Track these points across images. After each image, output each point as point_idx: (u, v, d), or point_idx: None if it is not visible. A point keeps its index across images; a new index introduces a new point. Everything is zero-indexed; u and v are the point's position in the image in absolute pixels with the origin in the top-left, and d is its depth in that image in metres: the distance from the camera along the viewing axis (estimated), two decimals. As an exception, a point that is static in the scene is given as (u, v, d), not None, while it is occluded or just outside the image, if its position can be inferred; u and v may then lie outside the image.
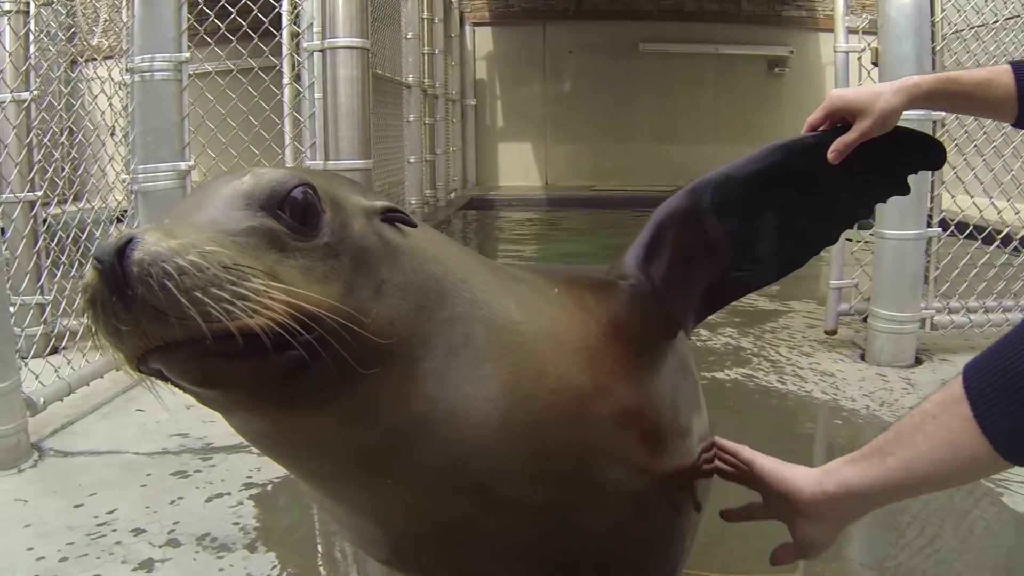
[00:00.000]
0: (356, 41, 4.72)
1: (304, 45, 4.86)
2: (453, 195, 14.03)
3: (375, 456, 1.44)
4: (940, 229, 5.10)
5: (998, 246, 5.52)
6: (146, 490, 3.35)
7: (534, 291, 1.71)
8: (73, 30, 6.04)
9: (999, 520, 3.07)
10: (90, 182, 5.67)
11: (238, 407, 1.37)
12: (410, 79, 9.81)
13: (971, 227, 5.56)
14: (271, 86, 5.45)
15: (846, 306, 5.29)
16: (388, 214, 1.50)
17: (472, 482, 1.50)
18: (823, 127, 2.11)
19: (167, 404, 1.54)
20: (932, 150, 2.19)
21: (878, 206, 2.26)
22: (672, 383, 1.83)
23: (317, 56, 4.75)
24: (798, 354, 5.19)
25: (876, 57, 4.93)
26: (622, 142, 17.35)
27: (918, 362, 4.98)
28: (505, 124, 17.77)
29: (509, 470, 1.51)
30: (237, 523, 3.07)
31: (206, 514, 3.15)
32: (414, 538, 1.62)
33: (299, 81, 5.06)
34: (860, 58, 5.17)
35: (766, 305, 6.52)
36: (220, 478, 3.45)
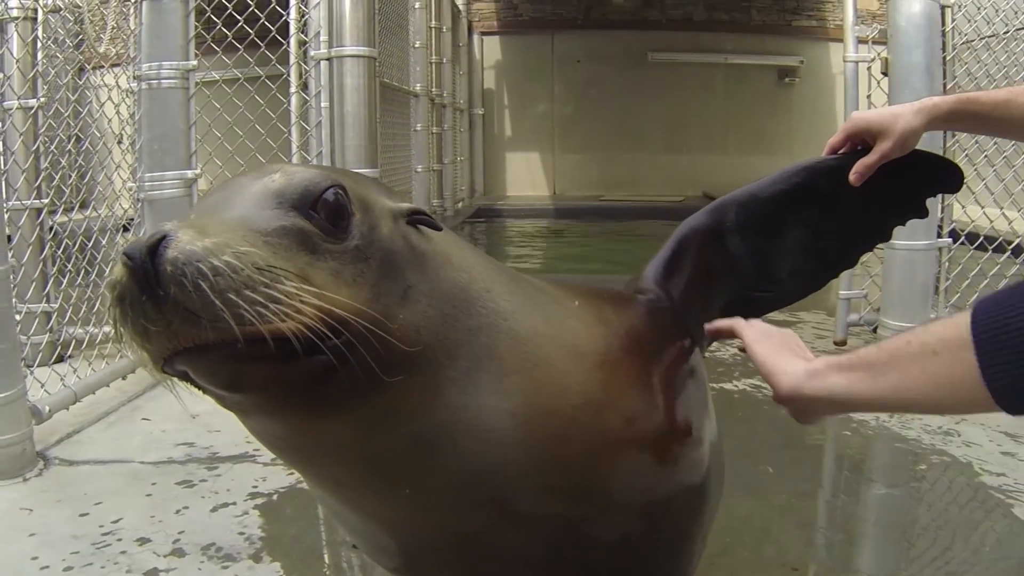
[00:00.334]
0: (363, 50, 4.72)
1: (311, 54, 4.86)
2: (460, 205, 14.02)
3: (395, 465, 1.43)
4: (950, 239, 5.09)
5: (1009, 256, 5.49)
6: (151, 499, 3.33)
7: (556, 303, 1.70)
8: (81, 37, 6.05)
9: (1010, 532, 3.04)
10: (97, 190, 5.68)
11: (261, 411, 1.35)
12: (418, 88, 9.81)
13: (982, 238, 5.54)
14: (278, 94, 5.45)
15: (856, 316, 5.27)
16: (414, 216, 1.48)
17: (491, 494, 1.48)
18: (843, 149, 2.10)
19: (173, 414, 1.53)
20: (950, 173, 2.18)
21: (889, 216, 2.24)
22: (687, 398, 1.82)
23: (324, 65, 4.76)
24: (807, 364, 5.14)
25: (886, 67, 4.92)
26: (631, 152, 17.33)
27: (928, 373, 4.92)
28: (513, 133, 17.77)
29: (528, 483, 1.50)
30: (242, 533, 3.05)
31: (211, 524, 3.13)
32: (427, 548, 1.61)
33: (306, 90, 5.07)
34: (870, 68, 5.16)
35: (775, 315, 6.46)
36: (226, 487, 3.43)
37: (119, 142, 5.71)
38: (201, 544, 2.96)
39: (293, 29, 5.23)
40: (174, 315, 1.12)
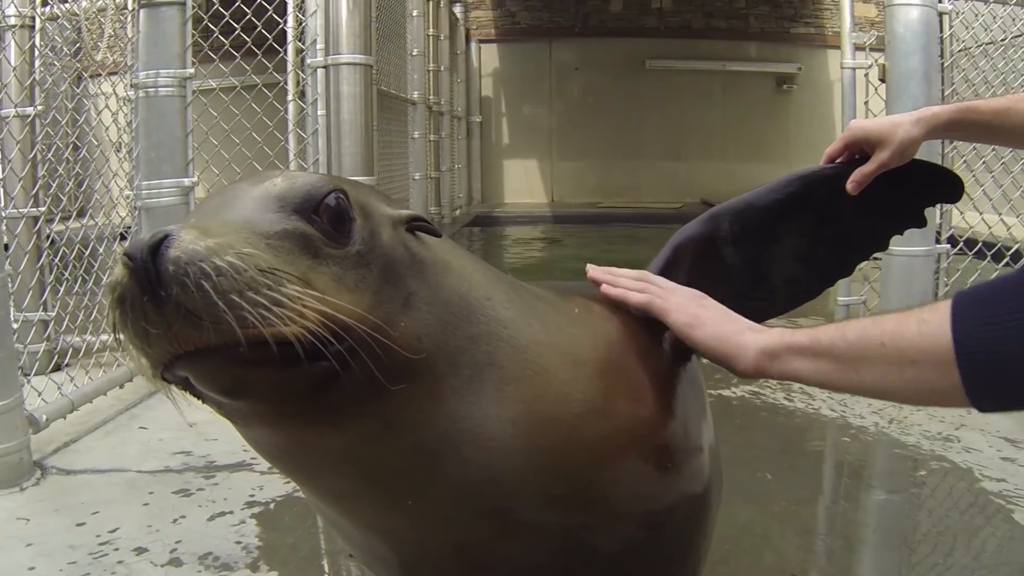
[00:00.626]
0: (359, 58, 4.72)
1: (308, 61, 4.86)
2: (458, 212, 14.03)
3: (396, 476, 1.41)
4: (949, 246, 5.08)
5: (1007, 263, 5.49)
6: (148, 509, 3.32)
7: (556, 310, 1.69)
8: (78, 45, 6.04)
9: (1011, 538, 3.03)
10: (94, 198, 5.67)
11: (262, 419, 1.32)
12: (415, 96, 9.81)
13: (980, 244, 5.54)
14: (275, 102, 5.45)
15: (854, 323, 5.25)
16: (413, 223, 1.47)
17: (492, 504, 1.47)
18: (841, 158, 2.09)
19: (170, 422, 1.52)
20: (949, 183, 2.17)
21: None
22: (687, 405, 1.81)
23: (321, 72, 4.76)
24: (806, 371, 5.13)
25: (884, 73, 4.92)
26: (628, 159, 17.34)
27: (927, 379, 4.92)
28: (511, 141, 17.78)
29: (530, 492, 1.48)
30: (240, 542, 3.04)
31: (209, 533, 3.12)
32: (427, 559, 1.59)
33: (303, 98, 5.07)
34: (867, 74, 5.16)
35: (773, 322, 6.46)
36: (223, 496, 3.42)
37: (117, 150, 5.71)
38: (198, 553, 2.95)
39: (290, 37, 5.23)
40: (175, 317, 1.10)
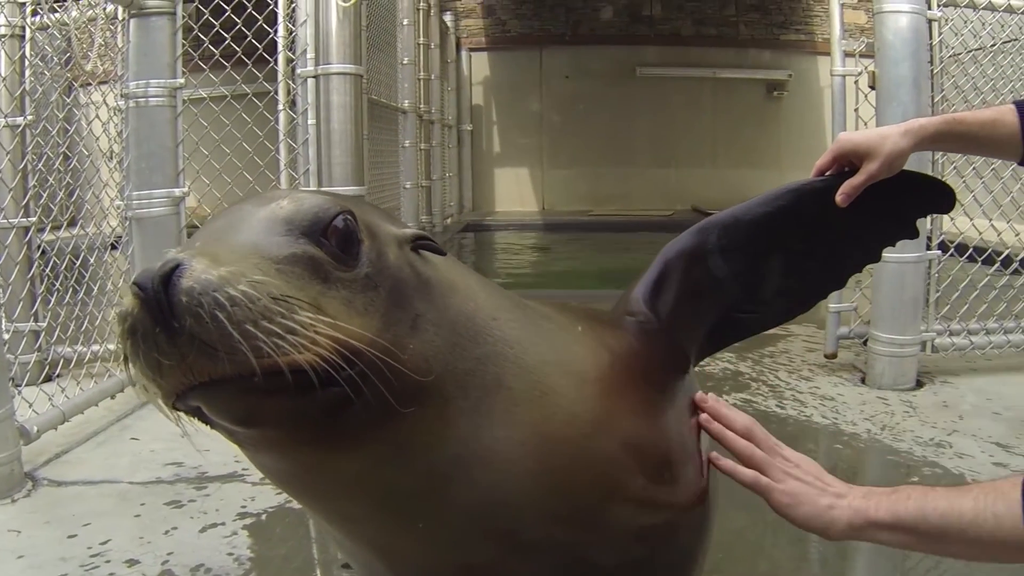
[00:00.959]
0: (349, 67, 4.73)
1: (298, 71, 4.86)
2: (449, 221, 14.00)
3: (407, 499, 1.40)
4: (940, 251, 5.09)
5: (998, 268, 5.51)
6: (140, 520, 3.31)
7: (560, 329, 1.69)
8: (68, 55, 6.02)
9: (1004, 545, 3.03)
10: (85, 208, 5.66)
11: (274, 446, 1.30)
12: (406, 105, 9.79)
13: (971, 249, 5.57)
14: (265, 112, 5.43)
15: (846, 329, 5.26)
16: (417, 242, 1.46)
17: (500, 525, 1.46)
18: (831, 171, 2.09)
19: (162, 433, 1.50)
20: (942, 193, 2.17)
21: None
22: (687, 419, 1.81)
23: (311, 82, 4.76)
24: (797, 378, 5.16)
25: (873, 80, 4.92)
26: (619, 166, 17.33)
27: (919, 385, 4.95)
28: (502, 149, 17.77)
29: (537, 513, 1.48)
30: (232, 553, 3.03)
31: (200, 544, 3.11)
32: None
33: (294, 107, 5.06)
34: (857, 81, 5.16)
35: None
36: (215, 508, 3.41)
37: (107, 160, 5.69)
38: (190, 565, 2.94)
39: (281, 47, 5.22)
40: (189, 348, 1.09)
